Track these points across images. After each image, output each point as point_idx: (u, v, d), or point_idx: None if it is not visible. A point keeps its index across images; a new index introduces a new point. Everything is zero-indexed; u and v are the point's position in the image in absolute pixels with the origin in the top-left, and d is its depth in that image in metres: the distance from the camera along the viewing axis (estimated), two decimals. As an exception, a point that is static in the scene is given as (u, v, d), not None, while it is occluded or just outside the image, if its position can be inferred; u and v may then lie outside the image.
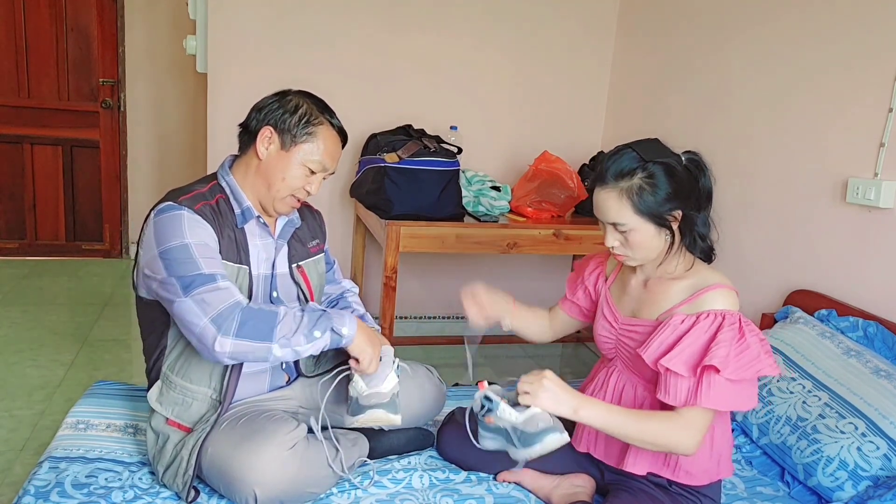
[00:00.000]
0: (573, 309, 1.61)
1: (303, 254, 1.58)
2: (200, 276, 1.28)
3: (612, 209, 1.28)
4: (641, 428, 1.24)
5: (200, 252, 1.31)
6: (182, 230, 1.32)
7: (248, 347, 1.27)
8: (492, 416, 1.27)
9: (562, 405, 1.23)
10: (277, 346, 1.27)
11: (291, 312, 1.31)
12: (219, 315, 1.26)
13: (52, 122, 4.09)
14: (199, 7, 2.74)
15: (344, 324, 1.34)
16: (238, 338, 1.25)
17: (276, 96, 1.46)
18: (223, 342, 1.25)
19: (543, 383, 1.23)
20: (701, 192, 1.31)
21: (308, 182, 1.45)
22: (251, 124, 1.45)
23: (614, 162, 1.29)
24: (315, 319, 1.32)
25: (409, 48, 2.94)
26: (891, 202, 1.77)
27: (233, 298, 1.29)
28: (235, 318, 1.26)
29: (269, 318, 1.28)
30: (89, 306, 3.42)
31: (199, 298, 1.27)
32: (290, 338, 1.28)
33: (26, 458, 2.01)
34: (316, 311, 1.34)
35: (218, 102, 2.78)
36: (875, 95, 1.82)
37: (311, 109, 1.44)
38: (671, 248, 1.31)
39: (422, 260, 3.17)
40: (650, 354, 1.28)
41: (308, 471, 1.34)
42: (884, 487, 1.40)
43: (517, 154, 3.13)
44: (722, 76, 2.42)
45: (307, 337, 1.30)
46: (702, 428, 1.25)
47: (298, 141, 1.42)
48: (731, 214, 2.30)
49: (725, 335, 1.22)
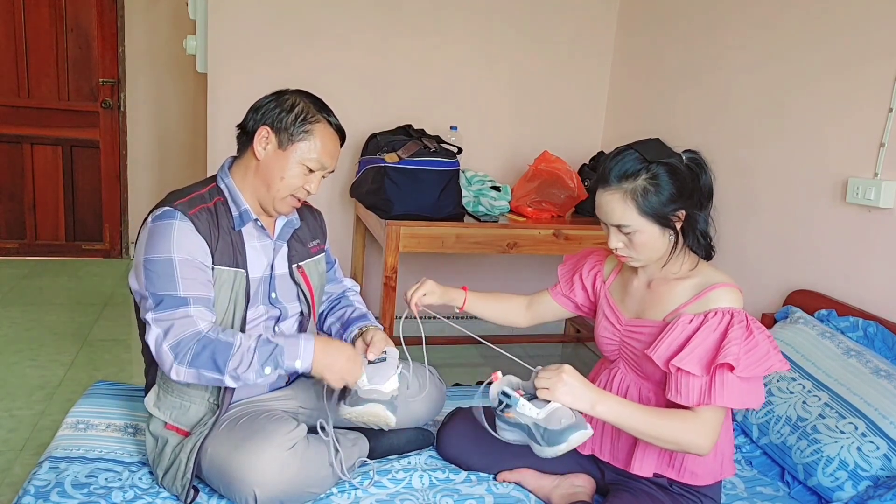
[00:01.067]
0: (565, 302, 1.60)
1: (303, 254, 1.57)
2: (172, 297, 1.30)
3: (617, 211, 1.28)
4: (658, 425, 1.22)
5: (183, 269, 1.32)
6: (170, 243, 1.32)
7: (201, 377, 1.29)
8: (511, 411, 1.24)
9: (580, 400, 1.20)
10: (228, 377, 1.28)
11: (245, 346, 1.30)
12: (177, 344, 1.28)
13: (52, 122, 4.09)
14: (199, 7, 2.75)
15: (297, 356, 1.31)
16: (192, 367, 1.28)
17: (272, 96, 1.45)
18: (178, 370, 1.28)
19: (562, 377, 1.20)
20: (702, 191, 1.31)
21: (307, 181, 1.44)
22: (248, 125, 1.45)
23: (617, 163, 1.28)
24: (265, 356, 1.29)
25: (410, 48, 2.94)
26: (891, 202, 1.77)
27: (194, 328, 1.29)
28: (192, 347, 1.28)
29: (223, 350, 1.28)
30: (89, 306, 3.42)
31: (165, 324, 1.29)
32: (242, 373, 1.28)
33: (26, 459, 2.01)
34: (268, 346, 1.31)
35: (218, 102, 2.78)
36: (875, 95, 1.82)
37: (308, 108, 1.43)
38: (675, 248, 1.31)
39: (422, 260, 3.17)
40: (660, 355, 1.27)
41: (308, 471, 1.34)
42: (884, 487, 1.40)
43: (517, 154, 3.13)
44: (722, 76, 2.42)
45: (258, 373, 1.29)
46: (717, 427, 1.24)
47: (295, 140, 1.41)
48: (732, 214, 2.30)
49: (735, 333, 1.22)
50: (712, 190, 1.33)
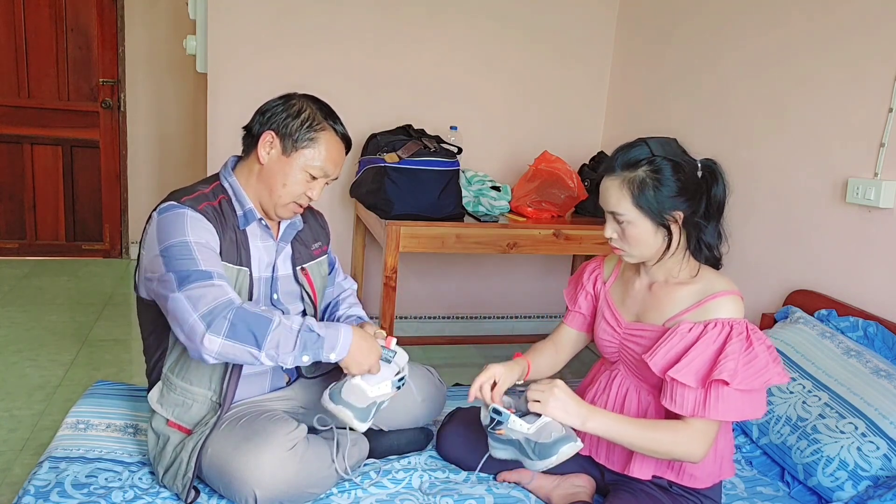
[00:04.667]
0: (578, 320, 1.57)
1: (306, 256, 1.57)
2: (197, 272, 1.27)
3: (613, 198, 1.29)
4: (650, 437, 1.24)
5: (200, 250, 1.30)
6: (184, 228, 1.32)
7: (236, 350, 1.24)
8: (502, 428, 1.28)
9: (571, 416, 1.24)
10: (265, 355, 1.24)
11: (287, 326, 1.26)
12: (209, 312, 1.23)
13: (52, 122, 4.09)
14: (199, 7, 2.74)
15: (334, 348, 1.30)
16: (228, 339, 1.22)
17: (280, 99, 1.45)
18: (212, 340, 1.21)
19: (554, 392, 1.24)
20: (711, 201, 1.30)
21: (310, 188, 1.44)
22: (254, 128, 1.44)
23: (625, 152, 1.29)
24: (308, 344, 1.28)
25: (410, 48, 2.93)
26: (891, 202, 1.77)
27: (226, 296, 1.26)
28: (227, 317, 1.23)
29: (262, 324, 1.24)
30: (89, 306, 3.42)
31: (193, 294, 1.24)
32: (281, 354, 1.25)
33: (26, 459, 2.01)
34: (311, 335, 1.28)
35: (218, 102, 2.78)
36: (875, 96, 1.82)
37: (315, 114, 1.42)
38: (668, 249, 1.31)
39: (422, 260, 3.17)
40: (657, 363, 1.28)
41: (308, 471, 1.34)
42: (884, 487, 1.40)
43: (517, 154, 3.13)
44: (722, 76, 2.42)
45: (296, 359, 1.27)
46: (710, 437, 1.25)
47: (300, 146, 1.40)
48: (731, 214, 2.28)
49: (734, 346, 1.22)
50: (724, 203, 1.31)
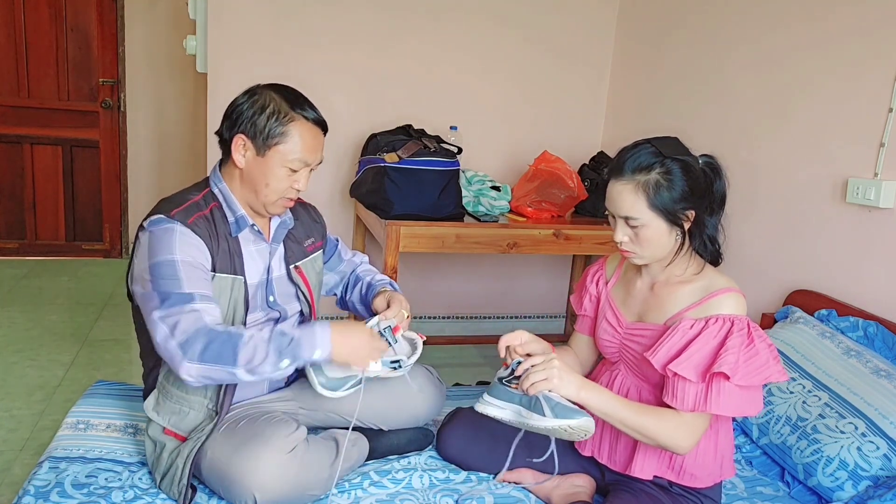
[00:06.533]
0: (587, 324, 1.56)
1: (299, 254, 1.56)
2: (178, 294, 1.26)
3: (627, 202, 1.27)
4: (640, 420, 1.25)
5: (186, 269, 1.29)
6: (172, 245, 1.30)
7: (214, 372, 1.23)
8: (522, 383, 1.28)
9: (566, 384, 1.24)
10: (242, 370, 1.23)
11: (258, 337, 1.25)
12: (186, 340, 1.23)
13: (52, 122, 4.09)
14: (199, 7, 2.74)
15: (315, 346, 1.27)
16: (203, 363, 1.22)
17: (244, 96, 1.40)
18: (189, 367, 1.22)
19: (553, 362, 1.25)
20: (714, 196, 1.31)
21: (294, 180, 1.41)
22: (224, 134, 1.41)
23: (632, 155, 1.28)
24: (282, 348, 1.25)
25: (410, 48, 2.93)
26: (891, 202, 1.77)
27: (201, 322, 1.25)
28: (201, 342, 1.23)
29: (232, 341, 1.23)
30: (89, 306, 3.42)
31: (170, 321, 1.25)
32: (257, 366, 1.24)
33: (26, 459, 2.01)
34: (283, 338, 1.26)
35: (218, 102, 2.78)
36: (875, 96, 1.82)
37: (280, 105, 1.37)
38: (680, 248, 1.31)
39: (422, 260, 3.17)
40: (659, 359, 1.28)
41: (308, 473, 1.34)
42: (884, 487, 1.40)
43: (517, 154, 3.13)
44: (722, 76, 2.42)
45: (274, 366, 1.25)
46: (698, 431, 1.26)
47: (272, 143, 1.36)
48: (732, 214, 2.29)
49: (734, 341, 1.22)
50: (725, 197, 1.33)
